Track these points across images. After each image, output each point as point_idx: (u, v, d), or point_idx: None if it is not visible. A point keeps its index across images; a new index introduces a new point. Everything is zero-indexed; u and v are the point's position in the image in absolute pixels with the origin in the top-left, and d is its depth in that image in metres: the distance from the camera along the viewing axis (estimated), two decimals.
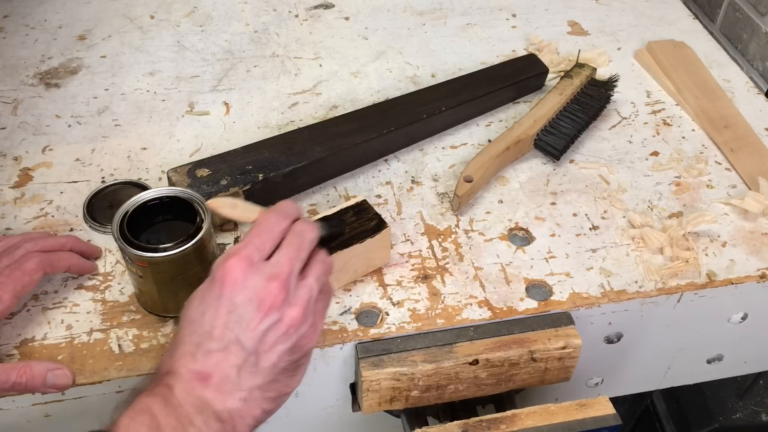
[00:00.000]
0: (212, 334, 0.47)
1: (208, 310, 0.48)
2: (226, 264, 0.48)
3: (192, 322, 0.48)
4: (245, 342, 0.47)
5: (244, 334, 0.47)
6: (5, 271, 0.58)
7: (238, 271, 0.48)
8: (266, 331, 0.48)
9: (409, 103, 0.81)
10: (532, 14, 1.02)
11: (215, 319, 0.47)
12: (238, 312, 0.47)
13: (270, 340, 0.48)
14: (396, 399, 0.62)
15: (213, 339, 0.47)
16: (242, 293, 0.48)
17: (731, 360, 0.79)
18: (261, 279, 0.48)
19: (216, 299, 0.48)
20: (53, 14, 0.99)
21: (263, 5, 1.03)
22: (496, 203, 0.75)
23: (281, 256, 0.50)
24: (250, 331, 0.47)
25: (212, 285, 0.48)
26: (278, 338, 0.48)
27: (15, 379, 0.53)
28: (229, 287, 0.48)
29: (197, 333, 0.48)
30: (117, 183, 0.75)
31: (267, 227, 0.50)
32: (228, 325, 0.47)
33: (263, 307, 0.48)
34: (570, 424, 0.57)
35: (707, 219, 0.72)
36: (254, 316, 0.47)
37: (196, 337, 0.48)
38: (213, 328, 0.47)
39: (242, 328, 0.47)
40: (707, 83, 0.89)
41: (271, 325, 0.48)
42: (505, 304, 0.65)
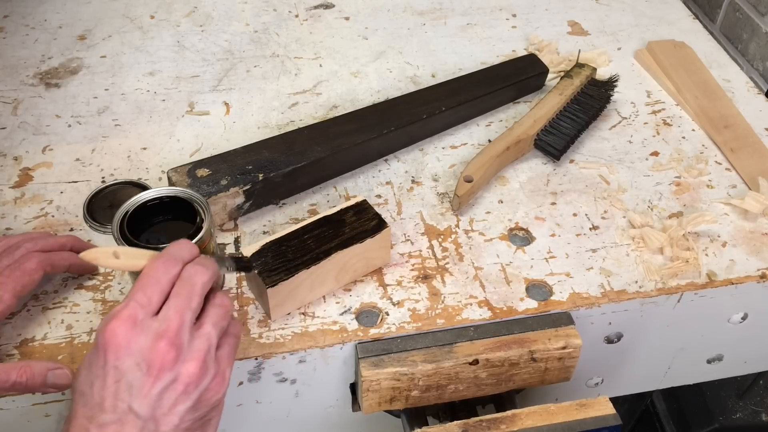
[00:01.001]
0: (103, 407, 0.44)
1: (95, 381, 0.44)
2: (106, 329, 0.44)
3: (81, 394, 0.45)
4: (139, 410, 0.44)
5: (137, 401, 0.44)
6: (5, 271, 0.58)
7: (121, 335, 0.44)
8: (161, 395, 0.44)
9: (409, 103, 0.81)
10: (532, 14, 1.02)
11: (103, 390, 0.44)
12: (127, 379, 0.44)
13: (167, 403, 0.44)
14: (396, 399, 0.62)
15: (105, 411, 0.44)
16: (128, 359, 0.44)
17: (731, 360, 0.79)
18: (147, 339, 0.44)
19: (101, 368, 0.44)
20: (53, 14, 0.99)
21: (263, 5, 1.03)
22: (496, 203, 0.75)
23: (169, 309, 0.46)
24: (142, 398, 0.44)
25: (96, 353, 0.44)
26: (177, 399, 0.45)
27: (15, 379, 0.53)
28: (112, 354, 0.44)
29: (88, 406, 0.44)
30: (117, 183, 0.75)
31: (153, 278, 0.46)
32: (118, 394, 0.44)
33: (153, 369, 0.44)
34: (570, 424, 0.57)
35: (707, 219, 0.72)
36: (145, 381, 0.44)
37: (88, 411, 0.44)
38: (103, 400, 0.44)
39: (134, 395, 0.44)
40: (707, 83, 0.89)
41: (165, 387, 0.44)
42: (505, 304, 0.65)
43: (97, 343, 0.45)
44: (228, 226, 0.71)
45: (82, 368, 0.45)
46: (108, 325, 0.44)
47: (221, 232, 0.71)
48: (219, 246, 0.69)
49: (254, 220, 0.72)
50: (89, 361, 0.45)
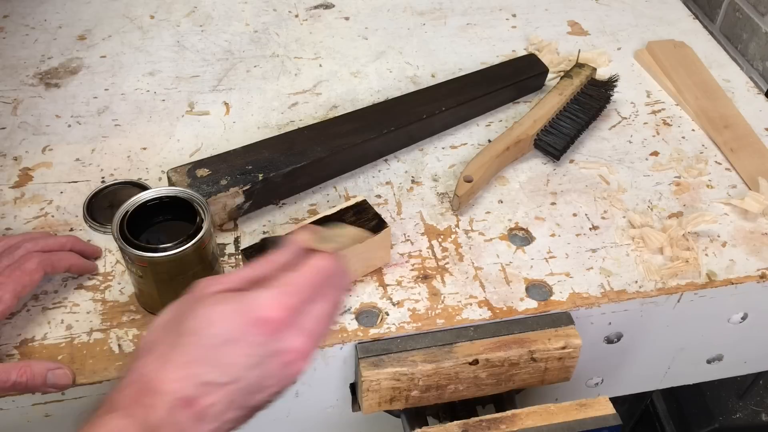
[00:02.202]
0: (223, 368, 0.44)
1: (232, 344, 0.45)
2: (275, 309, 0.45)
3: (206, 348, 0.45)
4: (246, 386, 0.45)
5: (251, 379, 0.45)
6: (5, 271, 0.58)
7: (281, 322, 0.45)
8: (269, 378, 0.46)
9: (409, 103, 0.81)
10: (532, 14, 1.02)
11: (235, 355, 0.45)
12: (261, 357, 0.45)
13: (269, 383, 0.46)
14: (396, 399, 0.62)
15: (222, 372, 0.44)
16: (273, 344, 0.45)
17: (731, 360, 0.79)
18: (295, 334, 0.46)
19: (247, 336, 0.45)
20: (53, 14, 0.99)
21: (263, 5, 1.03)
22: (496, 203, 0.75)
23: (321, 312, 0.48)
24: (259, 378, 0.45)
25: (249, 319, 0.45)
26: (276, 383, 0.47)
27: (15, 379, 0.53)
28: (265, 333, 0.45)
29: (208, 362, 0.44)
30: (117, 183, 0.75)
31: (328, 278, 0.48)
32: (243, 364, 0.45)
33: (284, 359, 0.46)
34: (570, 424, 0.57)
35: (707, 219, 0.72)
36: (271, 365, 0.46)
37: (205, 366, 0.44)
38: (227, 363, 0.45)
39: (255, 372, 0.45)
40: (707, 83, 0.89)
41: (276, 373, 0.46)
42: (505, 304, 0.65)
43: (255, 311, 0.45)
44: (228, 226, 0.71)
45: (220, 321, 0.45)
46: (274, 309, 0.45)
47: (221, 232, 0.71)
48: (219, 246, 0.69)
49: (254, 220, 0.72)
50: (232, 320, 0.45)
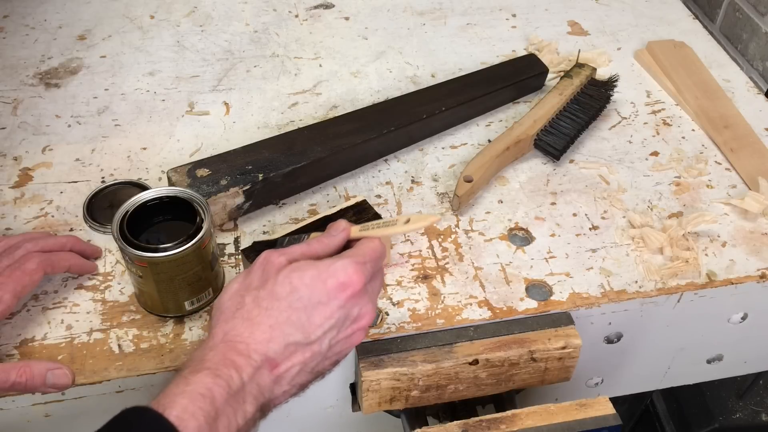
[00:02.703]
0: (307, 330, 0.48)
1: (318, 306, 0.49)
2: (354, 275, 0.49)
3: (294, 310, 0.49)
4: (324, 347, 0.49)
5: (328, 341, 0.49)
6: (6, 271, 0.58)
7: (358, 288, 0.50)
8: (339, 343, 0.51)
9: (409, 103, 0.81)
10: (532, 14, 1.02)
11: (318, 316, 0.49)
12: (339, 320, 0.49)
13: (336, 349, 0.51)
14: (396, 399, 0.62)
15: (305, 334, 0.48)
16: (350, 309, 0.50)
17: (731, 360, 0.79)
18: (367, 301, 0.51)
19: (330, 299, 0.49)
20: (53, 14, 0.99)
21: (263, 5, 1.03)
22: (496, 203, 0.75)
23: (377, 287, 0.53)
24: (334, 340, 0.50)
25: (332, 283, 0.49)
26: (341, 350, 0.51)
27: (15, 379, 0.53)
28: (345, 297, 0.49)
29: (294, 324, 0.48)
30: (117, 183, 0.75)
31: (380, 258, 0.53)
32: (324, 327, 0.49)
33: (355, 325, 0.51)
34: (570, 424, 0.57)
35: (707, 219, 0.72)
36: (346, 330, 0.50)
37: (291, 328, 0.48)
38: (311, 326, 0.49)
39: (332, 335, 0.49)
40: (707, 83, 0.89)
41: (346, 339, 0.51)
42: (505, 304, 0.65)
43: (338, 276, 0.49)
44: (228, 226, 0.71)
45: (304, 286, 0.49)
46: (356, 273, 0.50)
47: (221, 232, 0.71)
48: (219, 246, 0.69)
49: (254, 220, 0.72)
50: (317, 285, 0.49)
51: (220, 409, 0.44)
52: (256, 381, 0.47)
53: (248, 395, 0.46)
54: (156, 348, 0.60)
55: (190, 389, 0.44)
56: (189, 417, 0.42)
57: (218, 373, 0.45)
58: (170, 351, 0.60)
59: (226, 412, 0.44)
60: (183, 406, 0.43)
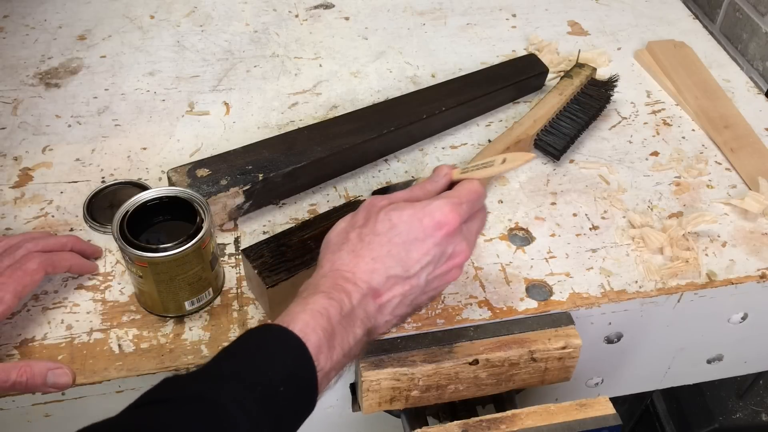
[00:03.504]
0: (407, 263, 0.52)
1: (415, 242, 0.52)
2: (450, 214, 0.52)
3: (393, 244, 0.52)
4: (423, 282, 0.53)
5: (427, 276, 0.53)
6: (6, 272, 0.58)
7: (453, 227, 0.52)
8: (436, 278, 0.54)
9: (409, 103, 0.81)
10: (532, 14, 1.02)
11: (416, 252, 0.52)
12: (435, 257, 0.52)
13: (434, 285, 0.54)
14: (396, 399, 0.62)
15: (405, 267, 0.52)
16: (445, 246, 0.53)
17: (731, 360, 0.79)
18: (461, 240, 0.53)
19: (428, 236, 0.52)
20: (53, 14, 0.99)
21: (263, 5, 1.03)
22: (496, 203, 0.75)
23: (475, 227, 0.55)
24: (431, 276, 0.53)
25: (428, 222, 0.52)
26: (438, 286, 0.54)
27: (15, 379, 0.53)
28: (441, 235, 0.52)
29: (394, 257, 0.52)
30: (117, 183, 0.75)
31: (479, 199, 0.55)
32: (422, 261, 0.52)
33: (450, 263, 0.54)
34: (570, 424, 0.57)
35: (707, 219, 0.72)
36: (441, 266, 0.53)
37: (391, 261, 0.52)
38: (409, 260, 0.52)
39: (429, 270, 0.52)
40: (707, 83, 0.89)
41: (442, 275, 0.54)
42: (505, 304, 0.65)
43: (434, 215, 0.52)
44: (228, 226, 0.71)
45: (402, 222, 0.52)
46: (452, 212, 0.52)
47: (221, 232, 0.71)
48: (219, 246, 0.69)
49: (254, 220, 0.72)
50: (414, 222, 0.52)
51: (336, 328, 0.49)
52: (363, 306, 0.51)
53: (357, 319, 0.50)
54: (156, 348, 0.60)
55: (309, 308, 0.49)
56: (310, 331, 0.47)
57: (331, 295, 0.50)
58: (170, 351, 0.60)
59: (340, 331, 0.49)
60: (305, 321, 0.48)
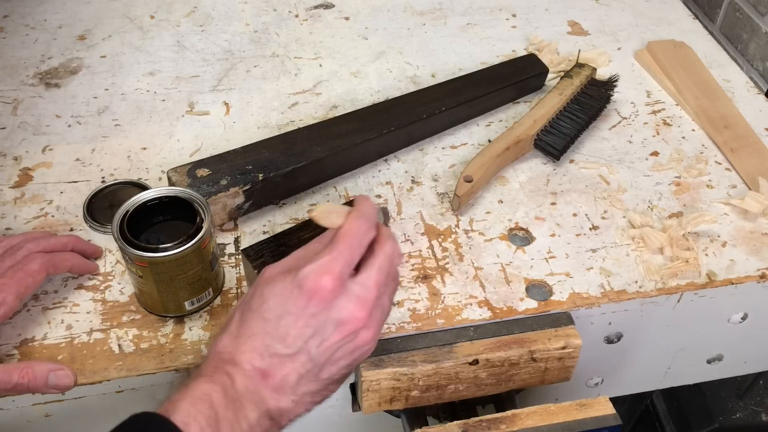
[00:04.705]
0: (285, 340, 0.48)
1: (287, 317, 0.48)
2: (319, 280, 0.48)
3: (266, 321, 0.48)
4: (315, 356, 0.48)
5: (317, 349, 0.48)
6: (8, 273, 0.58)
7: (329, 289, 0.48)
8: (337, 350, 0.49)
9: (409, 103, 0.81)
10: (532, 14, 1.02)
11: (293, 328, 0.48)
12: (317, 328, 0.48)
13: (337, 356, 0.49)
14: (396, 399, 0.62)
15: (285, 344, 0.48)
16: (326, 313, 0.48)
17: (731, 360, 0.79)
18: (348, 302, 0.48)
19: (299, 309, 0.48)
20: (53, 14, 0.99)
21: (263, 5, 1.03)
22: (496, 203, 0.75)
23: (370, 279, 0.49)
24: (322, 348, 0.48)
25: (299, 294, 0.48)
26: (344, 355, 0.50)
27: (17, 380, 0.53)
28: (316, 303, 0.48)
29: (270, 334, 0.48)
30: (117, 183, 0.75)
31: (357, 240, 0.49)
32: (303, 336, 0.48)
33: (343, 330, 0.48)
34: (570, 424, 0.57)
35: (707, 219, 0.72)
36: (332, 335, 0.48)
37: (268, 339, 0.48)
38: (287, 336, 0.48)
39: (316, 343, 0.48)
40: (707, 83, 0.89)
41: (343, 345, 0.49)
42: (505, 304, 0.65)
43: (303, 285, 0.48)
44: (228, 226, 0.71)
45: (272, 296, 0.48)
46: (321, 277, 0.48)
47: (221, 232, 0.71)
48: (219, 246, 0.69)
49: (254, 220, 0.72)
50: (285, 295, 0.48)
51: (221, 413, 0.46)
52: (252, 389, 0.47)
53: (246, 402, 0.47)
54: (156, 348, 0.61)
55: (190, 394, 0.46)
56: (192, 420, 0.44)
57: (213, 379, 0.47)
58: (170, 351, 0.60)
59: (227, 417, 0.46)
60: (186, 410, 0.45)
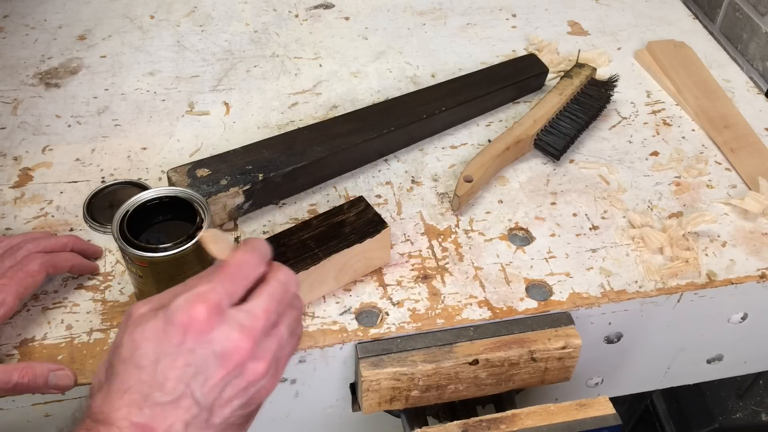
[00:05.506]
0: (164, 386, 0.42)
1: (163, 359, 0.42)
2: (192, 310, 0.42)
3: (140, 368, 0.42)
4: (200, 398, 0.42)
5: (201, 389, 0.42)
6: (8, 273, 0.58)
7: (205, 320, 0.42)
8: (224, 387, 0.43)
9: (409, 103, 0.81)
10: (532, 14, 1.02)
11: (170, 369, 0.42)
12: (198, 365, 0.42)
13: (227, 395, 0.43)
14: (396, 399, 0.62)
15: (164, 391, 0.42)
16: (206, 346, 0.42)
17: (731, 360, 0.79)
18: (230, 331, 0.43)
19: (175, 347, 0.42)
20: (53, 14, 0.99)
21: (263, 5, 1.03)
22: (496, 203, 0.75)
23: (257, 306, 0.44)
24: (207, 387, 0.42)
25: (171, 330, 0.42)
26: (236, 393, 0.43)
27: (17, 380, 0.53)
28: (192, 337, 0.42)
29: (146, 383, 0.42)
30: (117, 183, 0.75)
31: (243, 271, 0.45)
32: (183, 377, 0.42)
33: (228, 363, 0.42)
34: (570, 424, 0.57)
35: (707, 219, 0.72)
36: (216, 371, 0.42)
37: (145, 388, 0.42)
38: (166, 380, 0.42)
39: (199, 382, 0.42)
40: (707, 83, 0.89)
41: (231, 381, 0.43)
42: (505, 304, 0.65)
43: (173, 320, 0.42)
44: (228, 226, 0.71)
45: (145, 340, 0.42)
46: (194, 306, 0.42)
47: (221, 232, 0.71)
48: None
49: (254, 220, 0.72)
50: (157, 336, 0.42)
51: None
52: None
53: None
54: None
55: None
56: None
57: None
58: None
59: None
60: None
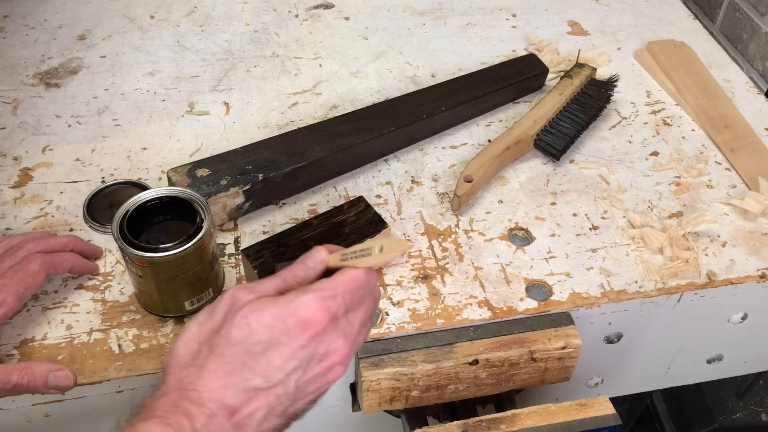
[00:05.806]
0: (266, 373, 0.45)
1: (275, 347, 0.45)
2: (317, 312, 0.46)
3: (251, 354, 0.45)
4: (291, 390, 0.46)
5: (295, 383, 0.46)
6: (8, 273, 0.58)
7: (323, 324, 0.46)
8: (311, 383, 0.47)
9: (409, 103, 0.81)
10: (532, 14, 1.02)
11: (278, 358, 0.45)
12: (302, 360, 0.46)
13: (309, 390, 0.47)
14: (396, 399, 0.62)
15: (266, 378, 0.45)
16: (316, 347, 0.46)
17: (731, 360, 0.79)
18: (337, 338, 0.47)
19: (290, 339, 0.45)
20: (53, 14, 0.99)
21: (263, 5, 1.03)
22: (496, 203, 0.75)
23: (357, 318, 0.48)
24: (302, 381, 0.46)
25: (292, 322, 0.45)
26: (316, 389, 0.48)
27: (16, 380, 0.53)
28: (308, 336, 0.45)
29: (252, 369, 0.45)
30: (117, 183, 0.75)
31: (362, 287, 0.48)
32: (286, 368, 0.45)
33: (325, 363, 0.47)
34: (570, 424, 0.57)
35: (707, 219, 0.72)
36: (313, 369, 0.47)
37: (248, 372, 0.45)
38: (270, 367, 0.45)
39: (297, 376, 0.46)
40: (707, 83, 0.89)
41: (318, 378, 0.47)
42: (505, 304, 0.65)
43: (298, 314, 0.45)
44: (228, 226, 0.71)
45: (262, 326, 0.45)
46: (319, 309, 0.46)
47: (221, 232, 0.71)
48: (219, 246, 0.69)
49: (254, 220, 0.72)
50: (276, 323, 0.45)
51: None
52: (212, 429, 0.43)
53: None
54: (156, 348, 0.61)
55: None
56: None
57: (168, 421, 0.42)
58: (170, 351, 0.60)
59: None
60: None
